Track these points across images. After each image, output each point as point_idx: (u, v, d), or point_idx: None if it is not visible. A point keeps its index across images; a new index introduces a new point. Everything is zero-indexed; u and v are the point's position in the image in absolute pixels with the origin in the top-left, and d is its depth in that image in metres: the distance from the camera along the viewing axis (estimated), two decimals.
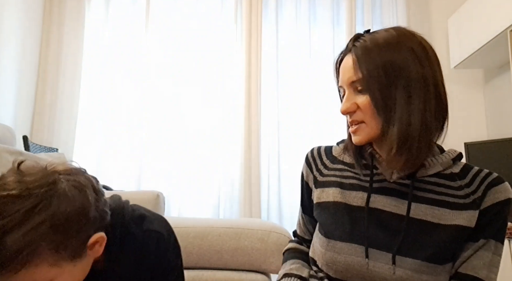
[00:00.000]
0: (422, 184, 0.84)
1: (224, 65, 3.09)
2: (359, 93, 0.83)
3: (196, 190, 2.96)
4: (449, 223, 0.80)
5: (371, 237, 0.82)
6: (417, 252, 0.79)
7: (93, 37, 3.12)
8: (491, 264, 0.80)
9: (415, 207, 0.82)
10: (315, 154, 1.00)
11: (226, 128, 3.01)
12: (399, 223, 0.81)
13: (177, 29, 3.13)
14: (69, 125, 2.98)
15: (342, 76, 0.86)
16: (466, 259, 0.81)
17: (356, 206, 0.86)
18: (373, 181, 0.87)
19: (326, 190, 0.92)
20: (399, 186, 0.85)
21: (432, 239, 0.79)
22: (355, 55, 0.83)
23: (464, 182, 0.84)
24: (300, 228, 1.04)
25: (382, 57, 0.80)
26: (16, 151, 1.93)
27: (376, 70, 0.80)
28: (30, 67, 2.97)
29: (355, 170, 0.92)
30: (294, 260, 0.97)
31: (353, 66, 0.83)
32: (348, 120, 0.86)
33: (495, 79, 2.98)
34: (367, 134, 0.84)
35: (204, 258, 1.58)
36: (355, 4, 3.10)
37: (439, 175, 0.85)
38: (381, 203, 0.84)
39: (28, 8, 2.92)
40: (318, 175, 0.96)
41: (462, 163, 0.88)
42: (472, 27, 2.69)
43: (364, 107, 0.82)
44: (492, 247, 0.81)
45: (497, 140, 2.38)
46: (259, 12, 3.09)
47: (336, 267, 0.83)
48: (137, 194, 2.29)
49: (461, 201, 0.82)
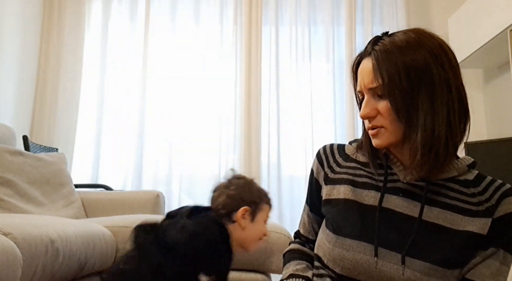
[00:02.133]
0: (436, 187, 0.83)
1: (224, 65, 3.08)
2: (379, 98, 0.82)
3: (196, 190, 2.96)
4: (461, 229, 0.79)
5: (381, 237, 0.81)
6: (427, 255, 0.78)
7: (93, 37, 3.12)
8: (498, 274, 0.79)
9: (427, 210, 0.81)
10: (328, 151, 0.98)
11: (226, 128, 3.01)
12: (411, 225, 0.81)
13: (177, 29, 3.13)
14: (69, 125, 2.98)
15: (360, 81, 0.84)
16: (474, 266, 0.80)
17: (368, 205, 0.85)
18: (388, 181, 0.86)
19: (337, 187, 0.91)
20: (413, 187, 0.84)
21: (443, 243, 0.79)
22: (375, 60, 0.81)
23: (478, 190, 0.83)
24: (305, 227, 1.02)
25: (403, 61, 0.79)
26: (16, 151, 1.93)
27: (397, 75, 0.78)
28: (30, 67, 2.97)
29: (368, 169, 0.90)
30: (298, 261, 0.96)
31: (373, 71, 0.81)
32: (367, 125, 0.85)
33: (495, 79, 2.98)
34: (387, 139, 0.83)
35: None
36: (355, 4, 3.10)
37: (453, 180, 0.84)
38: (393, 204, 0.84)
39: (28, 8, 2.92)
40: (329, 172, 0.95)
41: (475, 171, 0.87)
42: (472, 27, 2.69)
43: (385, 113, 0.81)
44: (500, 257, 0.80)
45: (497, 140, 2.38)
46: (259, 13, 3.09)
47: (344, 263, 0.82)
48: (137, 194, 2.30)
49: (474, 208, 0.81)
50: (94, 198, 2.23)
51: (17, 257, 0.97)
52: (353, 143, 0.99)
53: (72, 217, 2.00)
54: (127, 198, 2.24)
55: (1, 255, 0.91)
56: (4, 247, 0.93)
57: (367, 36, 3.06)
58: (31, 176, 1.93)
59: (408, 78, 0.78)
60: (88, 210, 2.20)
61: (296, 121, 3.03)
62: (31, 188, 1.90)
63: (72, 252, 1.25)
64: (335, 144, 1.00)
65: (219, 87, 3.06)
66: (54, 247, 1.15)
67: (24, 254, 1.02)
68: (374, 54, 0.82)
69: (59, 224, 1.27)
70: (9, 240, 0.98)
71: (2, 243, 0.93)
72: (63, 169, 2.15)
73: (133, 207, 2.20)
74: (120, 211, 2.19)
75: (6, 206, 1.74)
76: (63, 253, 1.20)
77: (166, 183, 2.95)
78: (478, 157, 2.40)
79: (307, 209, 1.02)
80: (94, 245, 1.40)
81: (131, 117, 3.03)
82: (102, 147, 3.00)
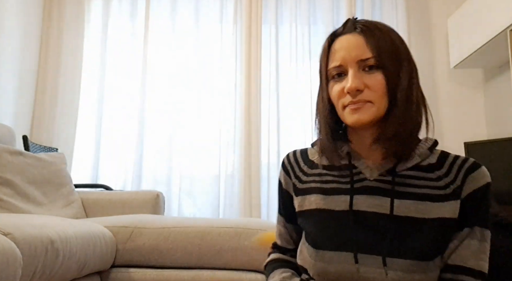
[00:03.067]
0: (402, 179, 0.82)
1: (223, 65, 3.09)
2: (368, 70, 0.81)
3: (196, 190, 2.96)
4: (433, 217, 0.78)
5: (359, 242, 0.80)
6: (407, 252, 0.77)
7: (93, 37, 3.13)
8: (479, 252, 0.79)
9: (399, 204, 0.80)
10: (292, 160, 0.95)
11: (226, 128, 3.01)
12: (385, 223, 0.79)
13: (177, 29, 3.13)
14: (69, 125, 2.99)
15: (343, 55, 0.82)
16: (454, 250, 0.80)
17: (340, 211, 0.83)
18: (354, 181, 0.84)
19: (308, 198, 0.88)
20: (381, 183, 0.82)
21: (420, 235, 0.78)
22: (363, 34, 0.82)
23: (442, 172, 0.83)
24: (282, 238, 0.98)
25: (387, 37, 0.82)
26: (16, 151, 1.93)
27: (387, 48, 0.81)
28: (30, 67, 2.97)
29: (334, 172, 0.88)
30: (283, 269, 0.93)
31: (366, 44, 0.81)
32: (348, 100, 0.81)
33: (495, 79, 2.98)
34: (372, 114, 0.80)
35: (204, 258, 1.58)
36: (355, 4, 3.10)
37: (417, 167, 0.83)
38: (365, 204, 0.82)
39: (28, 8, 2.92)
40: (297, 182, 0.92)
41: (438, 151, 0.86)
42: (472, 27, 2.69)
43: (376, 86, 0.80)
44: (478, 234, 0.80)
45: (497, 139, 2.39)
46: (258, 12, 3.09)
47: (328, 277, 0.81)
48: (137, 194, 2.30)
49: (442, 192, 0.80)
50: (94, 198, 2.24)
51: (17, 257, 0.97)
52: (315, 145, 0.96)
53: (72, 217, 2.00)
54: (127, 198, 2.24)
55: (1, 255, 0.91)
56: (4, 247, 0.93)
57: None
58: (31, 176, 1.93)
59: (395, 53, 0.81)
60: (88, 210, 2.20)
61: (296, 121, 3.04)
62: (31, 188, 1.90)
63: (72, 252, 1.25)
64: (298, 150, 0.97)
65: (219, 86, 3.07)
66: (54, 247, 1.15)
67: (24, 254, 1.02)
68: (361, 30, 0.83)
69: (59, 224, 1.27)
70: (9, 240, 0.98)
71: (2, 243, 0.93)
72: (63, 169, 2.15)
73: (133, 207, 2.21)
74: (120, 211, 2.19)
75: (6, 206, 1.74)
76: (63, 253, 1.20)
77: (166, 183, 2.95)
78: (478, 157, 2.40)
79: (282, 220, 0.98)
80: (94, 245, 1.40)
81: (131, 117, 3.03)
82: (102, 147, 3.00)
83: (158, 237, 1.60)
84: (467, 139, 3.01)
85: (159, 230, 1.62)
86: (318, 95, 0.91)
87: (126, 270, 1.59)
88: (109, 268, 1.59)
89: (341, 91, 0.82)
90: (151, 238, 1.59)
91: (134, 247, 1.59)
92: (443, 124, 3.08)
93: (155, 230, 1.62)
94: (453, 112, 3.09)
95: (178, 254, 1.58)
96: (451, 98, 3.12)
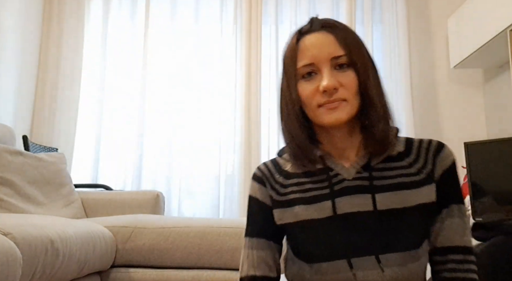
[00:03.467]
0: (379, 172, 0.82)
1: (223, 65, 3.08)
2: (340, 69, 0.80)
3: (196, 190, 2.96)
4: (413, 204, 0.79)
5: (350, 246, 0.79)
6: (397, 245, 0.78)
7: (93, 37, 3.12)
8: (462, 228, 0.81)
9: (381, 198, 0.79)
10: (266, 172, 0.90)
11: (226, 128, 3.01)
12: (372, 220, 0.79)
13: (177, 29, 3.13)
14: (69, 125, 2.98)
15: (317, 52, 0.80)
16: (438, 233, 0.82)
17: (325, 218, 0.80)
18: (333, 184, 0.82)
19: (289, 210, 0.84)
20: (360, 181, 0.81)
21: (405, 225, 0.79)
22: (333, 32, 0.81)
23: (412, 158, 0.83)
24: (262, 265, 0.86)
25: (354, 36, 0.83)
26: (16, 151, 1.93)
27: (356, 46, 0.81)
28: (30, 67, 2.97)
29: (311, 179, 0.85)
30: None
31: (337, 41, 0.80)
32: (325, 99, 0.78)
33: (494, 79, 2.98)
34: (348, 113, 0.79)
35: (204, 258, 1.58)
36: (355, 4, 3.10)
37: (389, 158, 0.83)
38: (348, 205, 0.80)
39: (27, 8, 2.92)
40: (274, 194, 0.87)
41: (402, 138, 0.87)
42: (472, 27, 2.69)
43: (349, 84, 0.79)
44: (456, 212, 0.82)
45: (497, 140, 2.38)
46: (259, 13, 3.09)
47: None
48: (137, 194, 2.30)
49: (417, 179, 0.81)
50: (94, 198, 2.24)
51: (17, 257, 0.97)
52: (283, 154, 0.93)
53: (72, 217, 2.00)
54: (127, 198, 2.24)
55: (1, 255, 0.91)
56: (4, 247, 0.93)
57: (367, 36, 3.06)
58: (31, 176, 1.93)
59: (362, 51, 0.82)
60: (88, 210, 2.20)
61: None
62: (31, 188, 1.90)
63: (72, 252, 1.25)
64: (268, 162, 0.92)
65: (219, 86, 3.06)
66: (54, 247, 1.15)
67: (24, 254, 1.02)
68: (331, 28, 0.82)
69: (59, 224, 1.27)
70: (9, 240, 0.98)
71: (2, 243, 0.93)
72: (63, 169, 2.15)
73: (133, 207, 2.21)
74: (120, 211, 2.19)
75: (6, 206, 1.74)
76: (63, 253, 1.20)
77: (166, 183, 2.95)
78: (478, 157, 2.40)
79: (261, 242, 0.88)
80: (94, 245, 1.40)
81: (131, 117, 3.03)
82: (102, 147, 3.00)
83: (158, 237, 1.60)
84: (467, 139, 3.01)
85: (159, 230, 1.62)
86: (283, 97, 0.87)
87: (126, 270, 1.59)
88: (109, 268, 1.60)
89: (314, 91, 0.80)
90: (151, 238, 1.59)
91: (134, 247, 1.59)
92: (443, 124, 3.08)
93: (155, 230, 1.62)
94: (453, 112, 3.09)
95: (178, 254, 1.58)
96: (451, 98, 3.11)
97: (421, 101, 3.09)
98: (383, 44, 3.13)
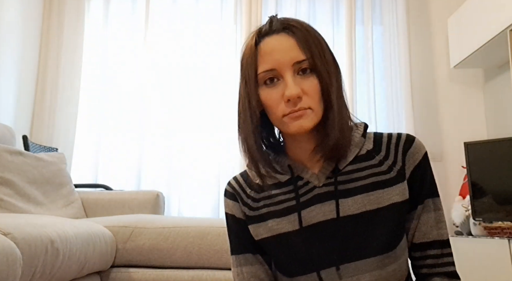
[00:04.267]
0: (347, 175, 0.79)
1: (224, 65, 3.08)
2: (303, 75, 0.76)
3: (196, 190, 2.96)
4: (386, 204, 0.76)
5: (316, 258, 0.77)
6: (367, 250, 0.75)
7: (93, 37, 3.12)
8: (437, 222, 0.80)
9: (351, 203, 0.76)
10: (237, 187, 0.87)
11: (226, 128, 3.01)
12: (335, 228, 0.76)
13: (177, 28, 3.13)
14: (69, 125, 2.98)
15: (278, 57, 0.75)
16: (415, 229, 0.81)
17: (295, 231, 0.78)
18: (301, 194, 0.80)
19: (262, 225, 0.81)
20: (329, 187, 0.79)
21: (377, 227, 0.76)
22: (294, 35, 0.76)
23: (382, 156, 0.81)
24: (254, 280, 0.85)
25: (316, 39, 0.78)
26: (16, 151, 1.93)
27: (321, 49, 0.77)
28: (30, 67, 2.97)
29: (283, 189, 0.82)
30: None
31: (299, 45, 0.75)
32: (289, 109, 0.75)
33: (495, 79, 2.98)
34: (313, 121, 0.76)
35: (204, 258, 1.58)
36: (355, 4, 3.10)
37: (358, 158, 0.80)
38: (318, 215, 0.77)
39: (27, 8, 2.92)
40: (247, 210, 0.84)
41: (371, 134, 0.84)
42: (472, 27, 2.69)
43: (312, 91, 0.75)
44: (431, 206, 0.80)
45: (497, 139, 2.38)
46: (259, 12, 3.09)
47: None
48: (137, 194, 2.30)
49: (388, 177, 0.78)
50: (94, 198, 2.24)
51: (17, 257, 0.97)
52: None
53: (72, 217, 2.00)
54: (127, 198, 2.24)
55: (1, 255, 0.91)
56: (4, 247, 0.93)
57: (367, 36, 3.06)
58: (31, 176, 1.93)
59: (324, 54, 0.77)
60: (88, 210, 2.20)
61: None
62: (31, 188, 1.90)
63: (72, 252, 1.25)
64: (238, 176, 0.89)
65: (219, 86, 3.06)
66: (54, 247, 1.15)
67: (24, 254, 1.02)
68: (292, 30, 0.77)
69: (59, 224, 1.27)
70: (9, 240, 0.98)
71: (2, 243, 0.93)
72: (63, 169, 2.15)
73: (133, 207, 2.21)
74: (120, 211, 2.19)
75: (6, 206, 1.74)
76: (63, 253, 1.20)
77: (166, 183, 2.95)
78: (478, 157, 2.40)
79: (247, 259, 0.86)
80: (94, 245, 1.40)
81: (131, 117, 3.03)
82: (102, 147, 3.00)
83: (158, 237, 1.60)
84: (467, 139, 3.01)
85: (159, 230, 1.62)
86: (241, 102, 0.81)
87: (126, 270, 1.59)
88: (109, 268, 1.60)
89: (278, 99, 0.76)
90: (151, 238, 1.59)
91: (134, 247, 1.59)
92: (443, 124, 3.08)
93: (155, 230, 1.62)
94: (453, 112, 3.09)
95: (178, 254, 1.58)
96: (451, 98, 3.11)
97: (421, 101, 3.09)
98: (383, 44, 3.13)
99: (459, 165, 2.90)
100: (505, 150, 2.31)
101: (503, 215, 2.24)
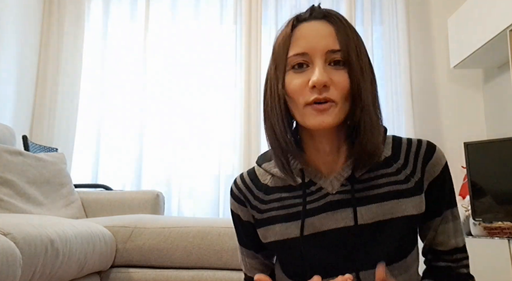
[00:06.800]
0: (363, 184, 0.75)
1: (223, 65, 3.08)
2: (334, 66, 0.71)
3: (196, 190, 2.96)
4: (400, 215, 0.73)
5: (328, 266, 0.74)
6: (381, 258, 0.73)
7: (93, 37, 3.12)
8: (455, 231, 0.79)
9: (365, 211, 0.73)
10: (243, 188, 0.84)
11: (226, 128, 3.01)
12: (352, 236, 0.73)
13: (177, 29, 3.13)
14: (69, 125, 2.98)
15: (312, 42, 0.71)
16: (432, 240, 0.80)
17: (305, 236, 0.75)
18: (310, 201, 0.76)
19: (271, 228, 0.78)
20: (343, 194, 0.75)
21: (390, 237, 0.74)
22: (334, 24, 0.73)
23: (400, 164, 0.77)
24: (254, 270, 0.89)
25: (355, 34, 0.74)
26: (15, 151, 1.93)
27: (356, 45, 0.73)
28: (30, 67, 2.97)
29: (293, 193, 0.78)
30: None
31: (335, 34, 0.72)
32: (314, 97, 0.70)
33: (494, 79, 2.98)
34: (336, 117, 0.71)
35: (204, 258, 1.58)
36: (355, 4, 3.10)
37: (375, 165, 0.76)
38: (330, 222, 0.74)
39: (27, 8, 2.92)
40: (255, 212, 0.81)
41: (389, 139, 0.80)
42: (472, 27, 2.69)
43: (340, 84, 0.70)
44: (449, 217, 0.79)
45: (497, 140, 2.38)
46: (259, 12, 3.09)
47: None
48: (137, 194, 2.30)
49: (404, 187, 0.75)
50: (94, 198, 2.24)
51: (17, 257, 0.97)
52: (262, 163, 0.84)
53: (72, 217, 2.00)
54: (127, 198, 2.24)
55: (1, 255, 0.91)
56: (4, 247, 0.93)
57: (367, 36, 3.06)
58: (31, 176, 1.93)
59: (360, 51, 0.73)
60: (88, 210, 2.20)
61: None
62: (31, 188, 1.90)
63: (72, 252, 1.25)
64: (245, 174, 0.85)
65: (219, 86, 3.06)
66: (54, 247, 1.15)
67: (24, 254, 1.02)
68: (332, 20, 0.74)
69: (59, 224, 1.27)
70: (9, 240, 0.98)
71: (2, 243, 0.93)
72: (63, 169, 2.15)
73: (133, 207, 2.21)
74: (120, 211, 2.19)
75: (6, 206, 1.74)
76: (63, 253, 1.20)
77: (166, 183, 2.95)
78: (478, 157, 2.40)
79: (250, 253, 0.88)
80: (94, 245, 1.40)
81: (131, 117, 3.03)
82: (102, 147, 3.00)
83: (158, 237, 1.60)
84: (467, 139, 3.01)
85: (159, 230, 1.62)
86: (269, 87, 0.77)
87: (126, 270, 1.59)
88: (109, 268, 1.60)
89: (303, 85, 0.71)
90: (151, 238, 1.59)
91: (134, 247, 1.59)
92: (443, 124, 3.08)
93: (155, 230, 1.62)
94: (453, 112, 3.09)
95: (178, 254, 1.58)
96: (451, 98, 3.11)
97: (421, 101, 3.09)
98: (383, 45, 3.13)
99: (459, 165, 2.90)
100: (505, 150, 2.31)
101: (503, 215, 2.24)
